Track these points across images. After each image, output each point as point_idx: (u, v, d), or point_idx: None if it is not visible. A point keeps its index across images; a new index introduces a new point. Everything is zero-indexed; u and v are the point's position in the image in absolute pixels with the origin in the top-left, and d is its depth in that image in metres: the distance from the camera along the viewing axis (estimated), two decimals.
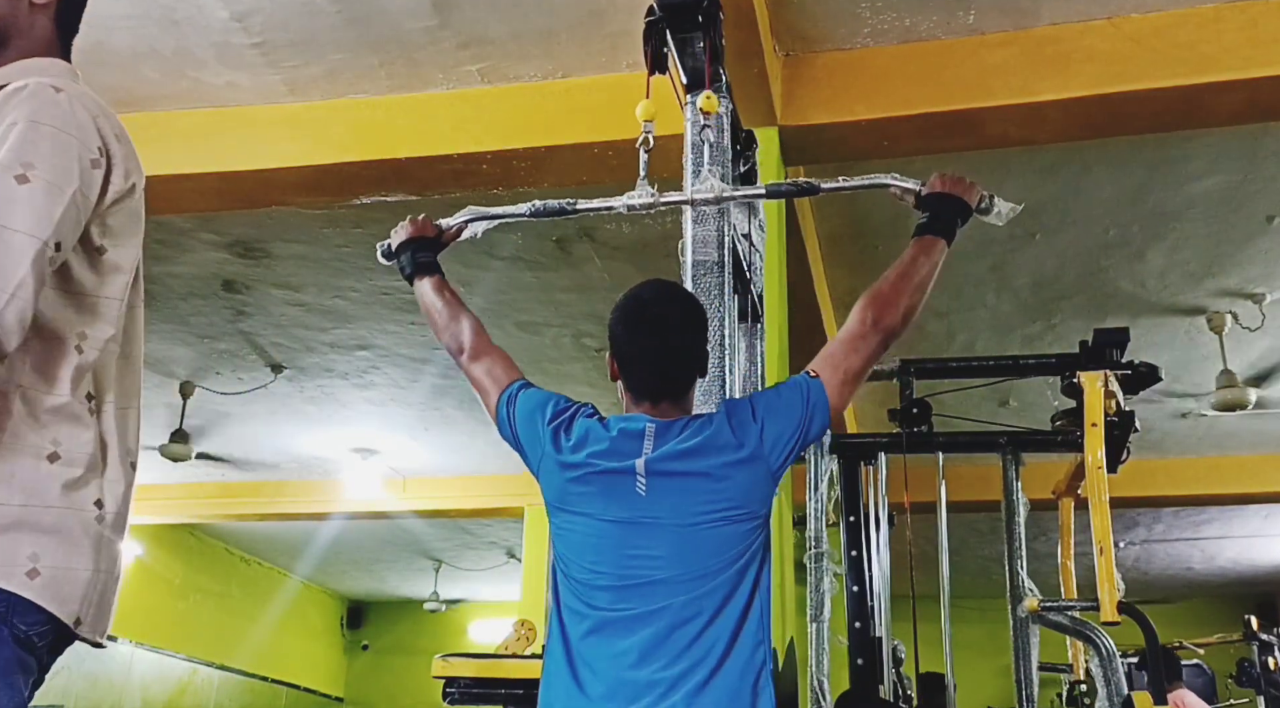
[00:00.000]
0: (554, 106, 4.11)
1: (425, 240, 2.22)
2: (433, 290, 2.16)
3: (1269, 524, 9.30)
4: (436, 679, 3.23)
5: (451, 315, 2.10)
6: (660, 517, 1.69)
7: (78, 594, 1.47)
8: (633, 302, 1.89)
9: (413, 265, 2.19)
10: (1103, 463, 3.82)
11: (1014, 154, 4.43)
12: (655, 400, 1.83)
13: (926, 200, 1.99)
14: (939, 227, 1.96)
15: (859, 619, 4.30)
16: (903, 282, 1.91)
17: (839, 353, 1.85)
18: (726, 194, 2.23)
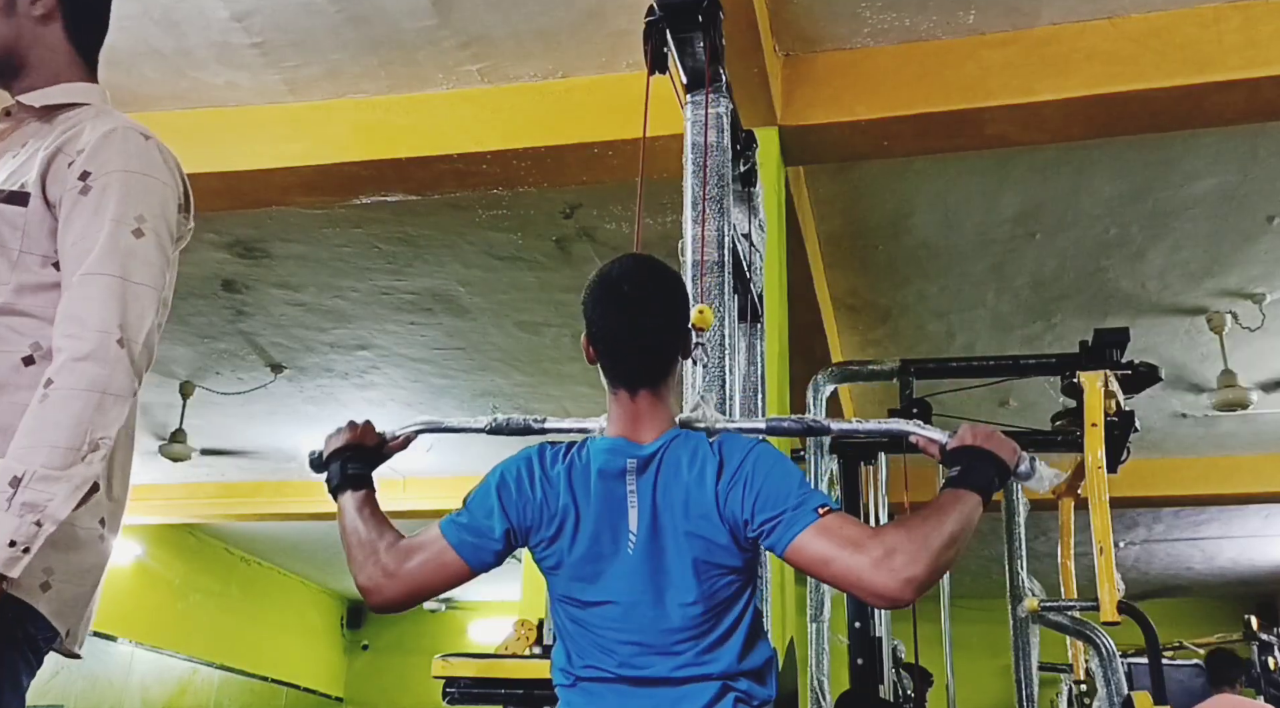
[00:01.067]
0: (554, 106, 4.11)
1: (362, 449, 1.87)
2: (355, 508, 1.78)
3: (1269, 524, 9.29)
4: (436, 679, 3.23)
5: (372, 543, 1.71)
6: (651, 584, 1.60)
7: (78, 611, 1.53)
8: (604, 279, 1.72)
9: (340, 476, 1.83)
10: (1103, 463, 3.82)
11: (1014, 154, 4.43)
12: (632, 388, 1.67)
13: (955, 454, 1.64)
14: (973, 481, 1.59)
15: (859, 619, 4.30)
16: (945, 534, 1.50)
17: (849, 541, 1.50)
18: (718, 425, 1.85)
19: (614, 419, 1.70)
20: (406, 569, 1.68)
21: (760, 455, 1.61)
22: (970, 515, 1.55)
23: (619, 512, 1.61)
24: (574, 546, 1.63)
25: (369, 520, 1.76)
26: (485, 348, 6.46)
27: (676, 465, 1.61)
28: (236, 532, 10.76)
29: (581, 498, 1.63)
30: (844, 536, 1.50)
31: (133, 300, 1.48)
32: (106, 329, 1.45)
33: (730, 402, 2.28)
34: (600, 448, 1.65)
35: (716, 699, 1.57)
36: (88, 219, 1.51)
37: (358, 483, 1.83)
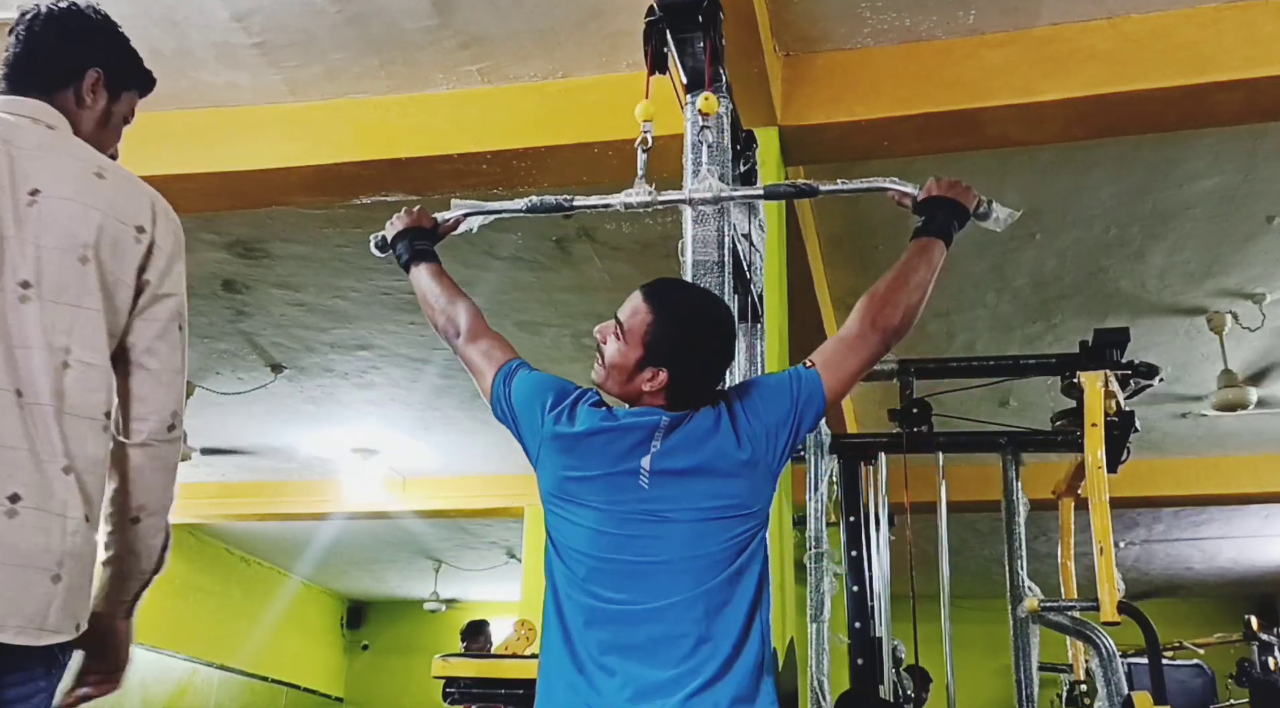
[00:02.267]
0: (554, 106, 4.11)
1: (421, 230, 2.19)
2: (429, 276, 2.13)
3: (1269, 524, 9.29)
4: (436, 679, 3.23)
5: (448, 299, 2.07)
6: (663, 510, 1.68)
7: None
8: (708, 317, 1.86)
9: (409, 252, 2.17)
10: (1103, 463, 3.82)
11: (1014, 154, 4.43)
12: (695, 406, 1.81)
13: (924, 204, 1.98)
14: (935, 228, 1.96)
15: (859, 619, 4.30)
16: (901, 282, 1.90)
17: (838, 351, 1.84)
18: (724, 194, 2.22)
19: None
20: (469, 348, 2.01)
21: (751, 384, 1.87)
22: (933, 259, 1.95)
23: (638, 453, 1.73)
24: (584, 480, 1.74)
25: (446, 285, 2.11)
26: None
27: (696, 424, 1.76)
28: (236, 532, 10.75)
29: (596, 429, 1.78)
30: (836, 358, 1.83)
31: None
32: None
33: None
34: (629, 410, 1.82)
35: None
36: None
37: (427, 256, 2.17)
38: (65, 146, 1.74)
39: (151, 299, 1.73)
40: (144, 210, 1.75)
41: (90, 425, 1.62)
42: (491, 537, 10.58)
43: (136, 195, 1.76)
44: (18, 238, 1.61)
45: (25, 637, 1.50)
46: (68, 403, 1.60)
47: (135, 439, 1.70)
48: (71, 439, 1.59)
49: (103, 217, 1.68)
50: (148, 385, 1.71)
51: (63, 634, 1.55)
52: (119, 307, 1.69)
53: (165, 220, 1.78)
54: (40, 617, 1.51)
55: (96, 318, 1.64)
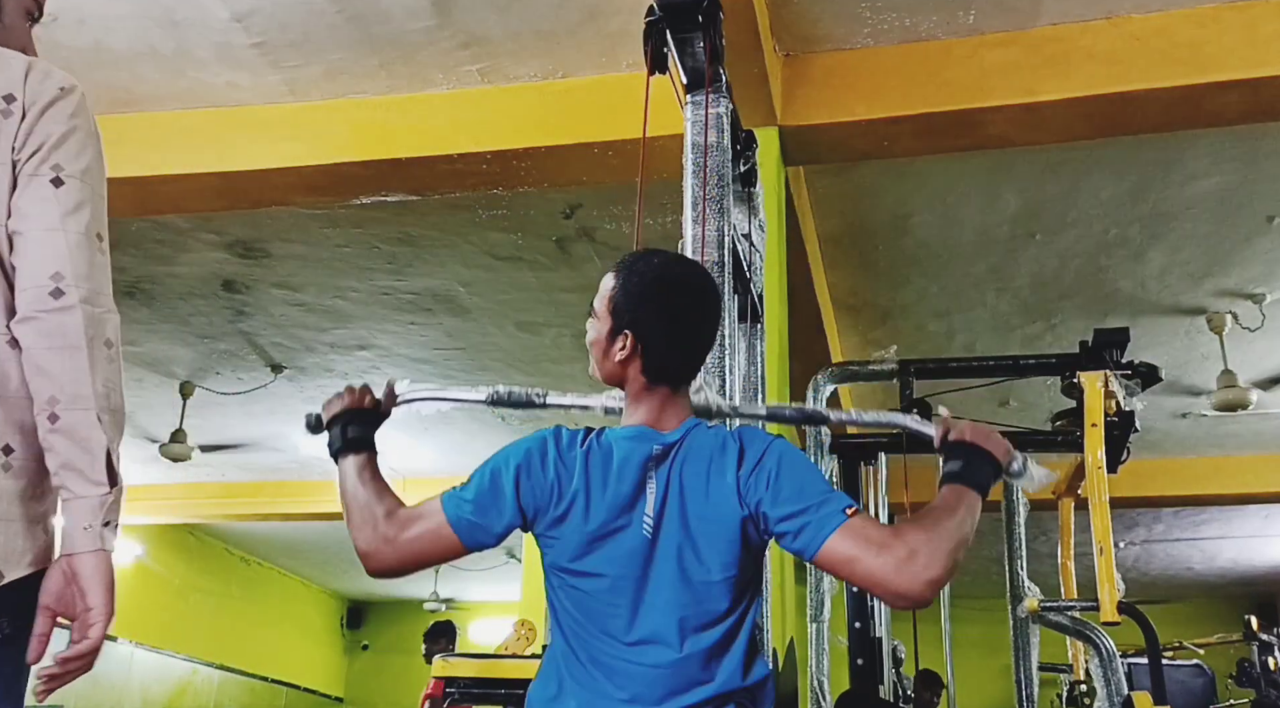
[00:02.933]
0: (554, 106, 4.11)
1: (362, 413, 1.88)
2: (356, 472, 1.81)
3: (1269, 524, 9.29)
4: (437, 679, 3.23)
5: (372, 508, 1.75)
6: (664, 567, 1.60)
7: None
8: (665, 279, 1.72)
9: (342, 440, 1.85)
10: (1103, 463, 3.82)
11: (1014, 154, 4.43)
12: (674, 386, 1.69)
13: (952, 447, 1.68)
14: (973, 479, 1.63)
15: (859, 619, 4.30)
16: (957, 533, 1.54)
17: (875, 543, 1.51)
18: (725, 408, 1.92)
19: (637, 408, 1.71)
20: (403, 539, 1.71)
21: (782, 450, 1.63)
22: (975, 514, 1.59)
23: (637, 497, 1.62)
24: (584, 525, 1.63)
25: (369, 484, 1.79)
26: (485, 348, 6.46)
27: (697, 453, 1.64)
28: (236, 532, 10.76)
29: (596, 482, 1.63)
30: (869, 537, 1.51)
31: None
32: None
33: (730, 401, 2.28)
34: (623, 436, 1.67)
35: None
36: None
37: (359, 446, 1.85)
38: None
39: (20, 157, 1.43)
40: (15, 79, 1.46)
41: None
42: None
43: (7, 65, 1.48)
44: None
45: None
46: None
47: (18, 316, 1.38)
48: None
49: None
50: (20, 252, 1.39)
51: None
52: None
53: (41, 79, 1.48)
54: None
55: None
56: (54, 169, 1.43)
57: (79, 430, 1.36)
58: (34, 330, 1.37)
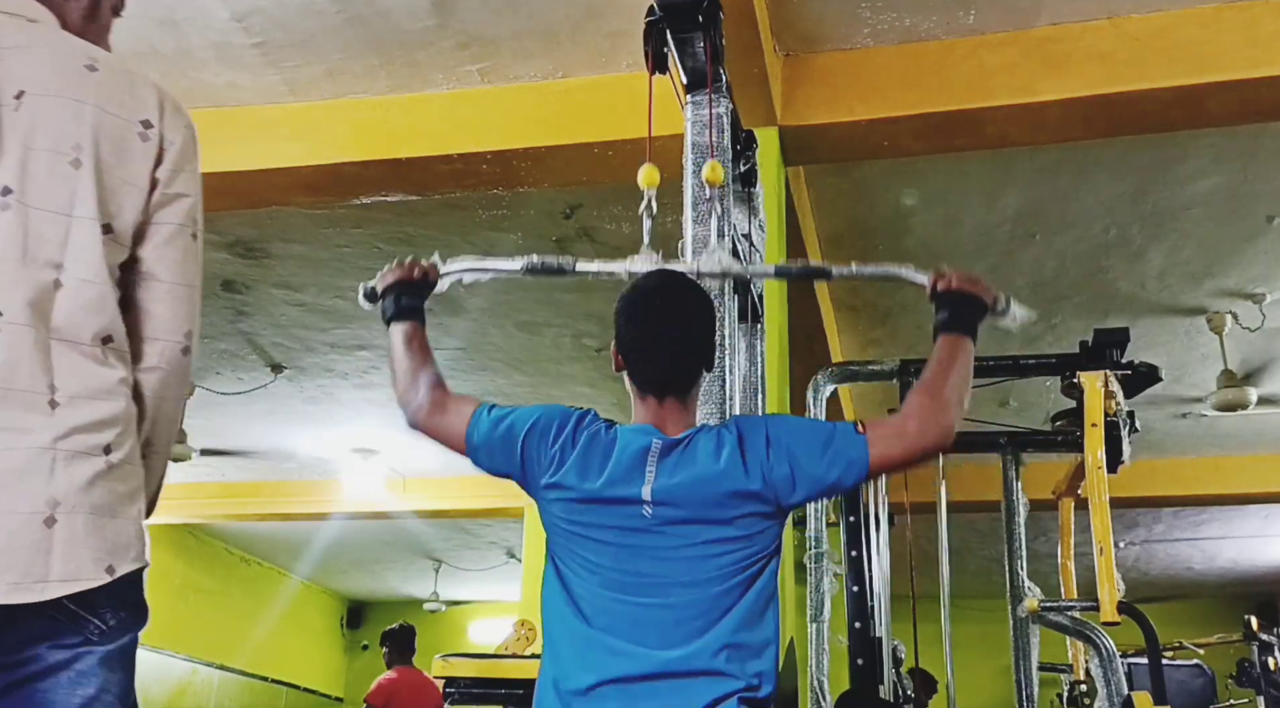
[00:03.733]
0: (554, 106, 4.11)
1: (411, 284, 2.07)
2: (403, 338, 2.02)
3: (1269, 524, 9.29)
4: (436, 679, 3.23)
5: (415, 369, 1.98)
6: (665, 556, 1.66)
7: None
8: (639, 290, 1.85)
9: (395, 308, 2.05)
10: (1103, 463, 3.82)
11: (1014, 154, 4.43)
12: (660, 395, 1.79)
13: (941, 297, 1.91)
14: (963, 324, 1.87)
15: (859, 619, 4.30)
16: (953, 382, 1.79)
17: (892, 432, 1.75)
18: (734, 270, 2.17)
19: (641, 415, 1.82)
20: (432, 419, 1.95)
21: (781, 423, 1.80)
22: (969, 357, 1.84)
23: (637, 482, 1.69)
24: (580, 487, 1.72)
25: (417, 352, 2.01)
26: (485, 348, 6.46)
27: (698, 448, 1.73)
28: (236, 532, 10.75)
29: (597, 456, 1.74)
30: (887, 434, 1.74)
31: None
32: None
33: (730, 402, 2.28)
34: (629, 430, 1.78)
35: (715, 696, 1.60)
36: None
37: (410, 314, 2.05)
38: (49, 39, 1.50)
39: (161, 201, 1.51)
40: (148, 103, 1.52)
41: (92, 351, 1.39)
42: (491, 537, 10.58)
43: (137, 87, 1.53)
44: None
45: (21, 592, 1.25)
46: (55, 327, 1.36)
47: (145, 363, 1.46)
48: (62, 368, 1.35)
49: (96, 112, 1.45)
50: (155, 300, 1.48)
51: (81, 581, 1.31)
52: (125, 215, 1.46)
53: (175, 114, 1.57)
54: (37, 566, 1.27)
55: (92, 229, 1.40)
56: (193, 224, 1.57)
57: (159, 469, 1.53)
58: (160, 381, 1.49)
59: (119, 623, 1.39)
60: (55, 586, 1.28)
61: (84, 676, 1.33)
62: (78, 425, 1.34)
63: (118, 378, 1.42)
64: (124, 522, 1.41)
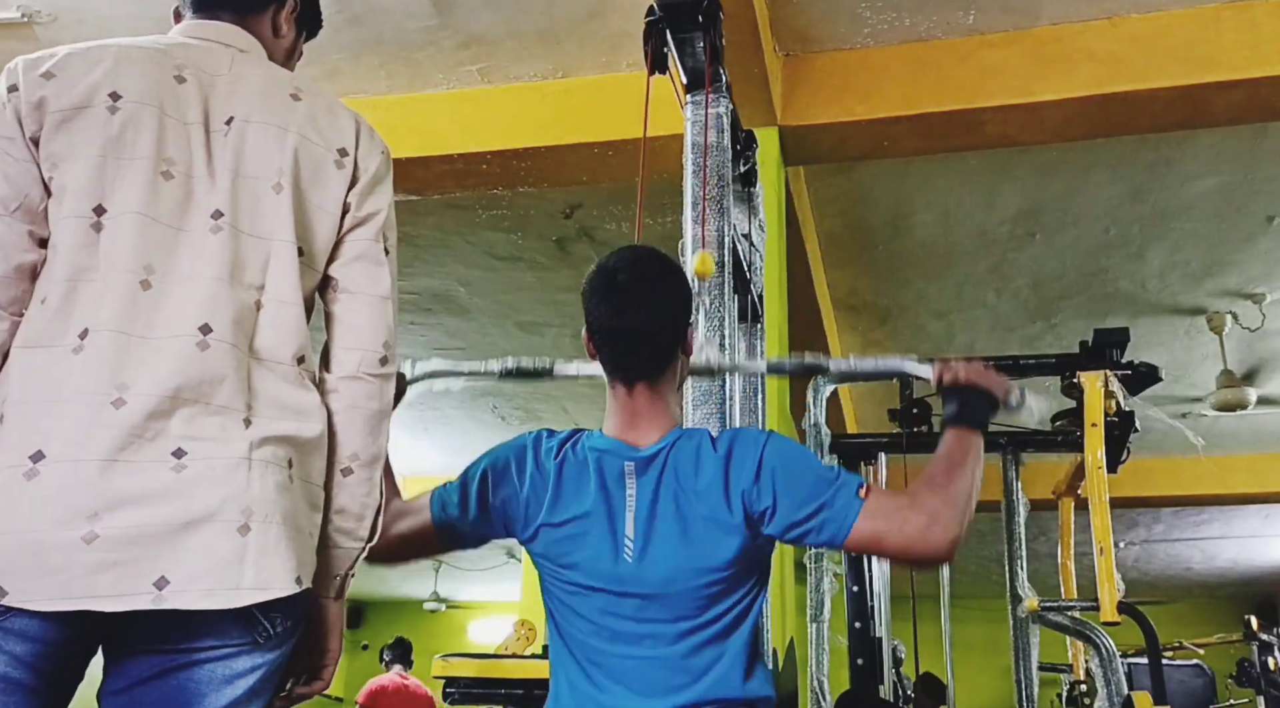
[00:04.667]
0: (554, 106, 4.11)
1: None
2: None
3: (1269, 524, 9.30)
4: (436, 679, 3.23)
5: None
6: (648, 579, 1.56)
7: None
8: (601, 269, 1.71)
9: None
10: (1103, 463, 3.82)
11: (1014, 154, 4.43)
12: (629, 382, 1.66)
13: (950, 391, 1.74)
14: (972, 419, 1.69)
15: (859, 619, 4.30)
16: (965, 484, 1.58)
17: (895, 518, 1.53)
18: (724, 365, 2.02)
19: (612, 415, 1.68)
20: (392, 532, 1.69)
21: (777, 449, 1.59)
22: (980, 454, 1.64)
23: (617, 516, 1.58)
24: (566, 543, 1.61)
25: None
26: (485, 348, 6.46)
27: (681, 469, 1.59)
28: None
29: (571, 497, 1.61)
30: (888, 514, 1.53)
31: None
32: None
33: (730, 402, 2.28)
34: (597, 447, 1.64)
35: None
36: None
37: None
38: (258, 68, 1.57)
39: (354, 222, 1.56)
40: (345, 132, 1.59)
41: (284, 372, 1.41)
42: None
43: (337, 116, 1.60)
44: (208, 173, 1.43)
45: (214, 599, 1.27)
46: (257, 346, 1.39)
47: (343, 372, 1.47)
48: (259, 389, 1.37)
49: (299, 139, 1.51)
50: (353, 311, 1.50)
51: (272, 590, 1.31)
52: (320, 239, 1.50)
53: (370, 140, 1.65)
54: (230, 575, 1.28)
55: (290, 251, 1.45)
56: (385, 240, 1.59)
57: (361, 488, 1.47)
58: (362, 391, 1.48)
59: (284, 630, 1.38)
60: (248, 593, 1.29)
61: (240, 675, 1.34)
62: (270, 436, 1.36)
63: (314, 402, 1.44)
64: (307, 537, 1.40)
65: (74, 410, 1.27)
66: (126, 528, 1.25)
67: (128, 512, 1.26)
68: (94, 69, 1.47)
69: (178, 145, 1.43)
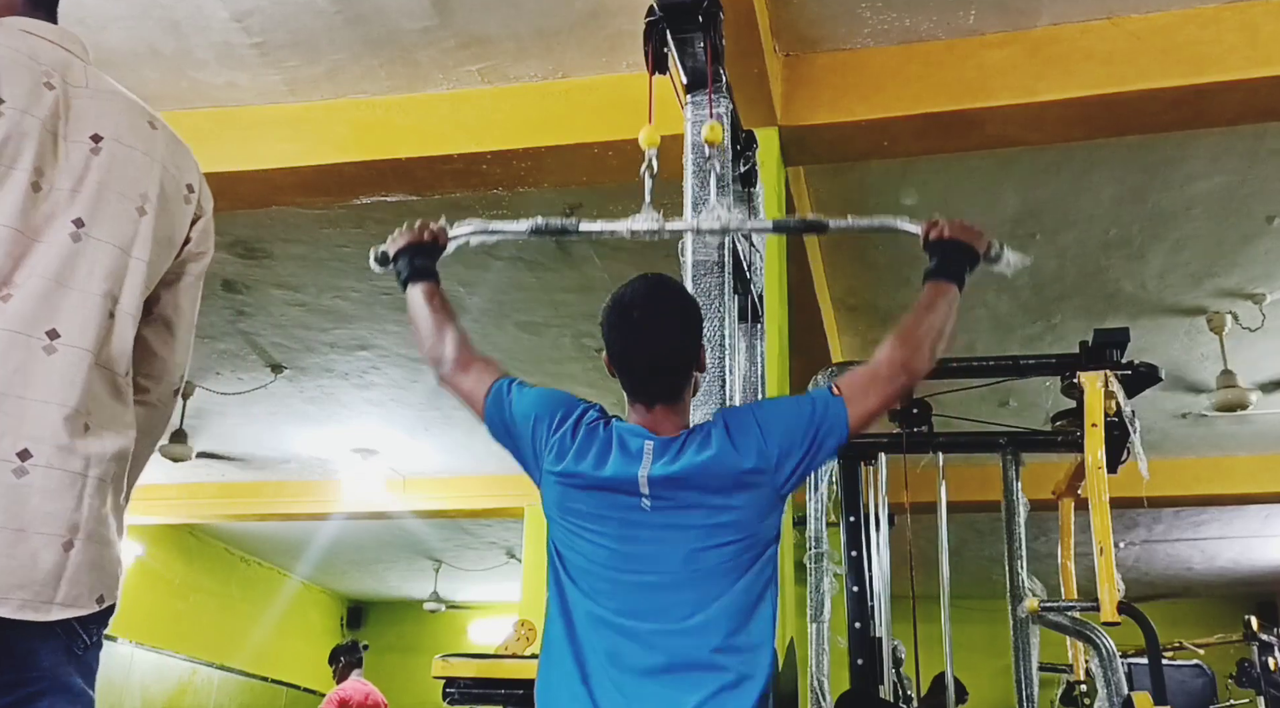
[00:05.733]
0: (554, 106, 4.11)
1: (423, 246, 2.10)
2: (423, 297, 2.05)
3: (1269, 524, 9.29)
4: (436, 679, 3.23)
5: (438, 325, 2.00)
6: (664, 541, 1.68)
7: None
8: (617, 304, 1.85)
9: (409, 270, 2.08)
10: (1103, 463, 3.82)
11: (1014, 154, 4.43)
12: (649, 403, 1.80)
13: (933, 245, 1.94)
14: (948, 272, 1.91)
15: (859, 619, 4.30)
16: (926, 326, 1.85)
17: (865, 385, 1.81)
18: (733, 225, 2.21)
19: (634, 418, 1.83)
20: (455, 378, 1.97)
21: (764, 406, 1.87)
22: (952, 303, 1.88)
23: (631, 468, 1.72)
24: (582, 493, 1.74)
25: (439, 310, 2.04)
26: (485, 348, 6.38)
27: (691, 442, 1.75)
28: (236, 532, 10.76)
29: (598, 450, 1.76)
30: (864, 386, 1.80)
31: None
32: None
33: (730, 402, 2.28)
34: (623, 427, 1.80)
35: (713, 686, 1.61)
36: None
37: (424, 275, 2.08)
38: (110, 85, 1.59)
39: (188, 257, 1.68)
40: (191, 169, 1.69)
41: (119, 382, 1.48)
42: (491, 537, 10.58)
43: (184, 151, 1.68)
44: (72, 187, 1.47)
45: (29, 611, 1.30)
46: (103, 355, 1.44)
47: (145, 398, 1.56)
48: (97, 395, 1.42)
49: (162, 170, 1.59)
50: (169, 345, 1.61)
51: (78, 608, 1.35)
52: (160, 264, 1.59)
53: (204, 180, 1.74)
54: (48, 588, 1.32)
55: (143, 271, 1.53)
56: (202, 275, 1.72)
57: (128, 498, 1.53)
58: (156, 417, 1.59)
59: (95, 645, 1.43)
60: (58, 609, 1.35)
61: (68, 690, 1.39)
62: (102, 455, 1.42)
63: (132, 416, 1.51)
64: (115, 554, 1.45)
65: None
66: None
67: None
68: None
69: (45, 156, 1.46)
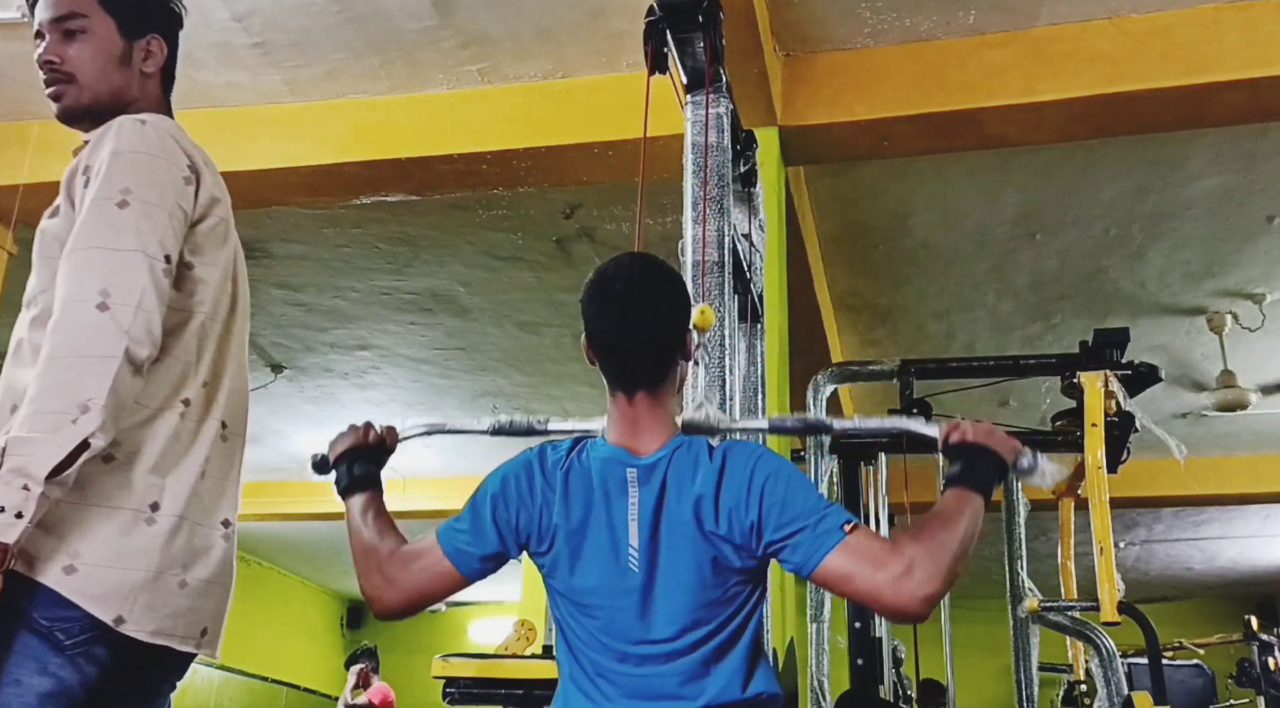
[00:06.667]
0: (554, 106, 4.11)
1: (366, 450, 1.90)
2: (360, 511, 1.83)
3: (1269, 524, 9.29)
4: (436, 679, 3.23)
5: (373, 552, 1.75)
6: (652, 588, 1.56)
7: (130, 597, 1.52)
8: (599, 278, 1.68)
9: (348, 479, 1.88)
10: (1103, 463, 3.82)
11: (1014, 154, 4.43)
12: (629, 390, 1.64)
13: (954, 450, 1.64)
14: (973, 481, 1.59)
15: (859, 619, 4.30)
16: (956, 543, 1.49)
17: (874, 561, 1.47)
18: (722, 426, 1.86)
19: (613, 423, 1.66)
20: (405, 578, 1.68)
21: (770, 467, 1.56)
22: (976, 519, 1.54)
23: (619, 524, 1.58)
24: (572, 555, 1.61)
25: (372, 525, 1.80)
26: (486, 348, 6.46)
27: (680, 478, 1.57)
28: (237, 532, 10.75)
29: (578, 506, 1.61)
30: (866, 553, 1.48)
31: (119, 267, 1.51)
32: (81, 298, 1.48)
33: (730, 402, 2.28)
34: (599, 456, 1.62)
35: None
36: (83, 207, 1.57)
37: (364, 484, 1.88)
38: None
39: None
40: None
41: None
42: None
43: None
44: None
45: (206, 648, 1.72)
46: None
47: None
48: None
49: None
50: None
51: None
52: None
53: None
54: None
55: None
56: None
57: None
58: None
59: None
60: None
61: None
62: None
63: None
64: None
65: None
66: None
67: None
68: None
69: None
